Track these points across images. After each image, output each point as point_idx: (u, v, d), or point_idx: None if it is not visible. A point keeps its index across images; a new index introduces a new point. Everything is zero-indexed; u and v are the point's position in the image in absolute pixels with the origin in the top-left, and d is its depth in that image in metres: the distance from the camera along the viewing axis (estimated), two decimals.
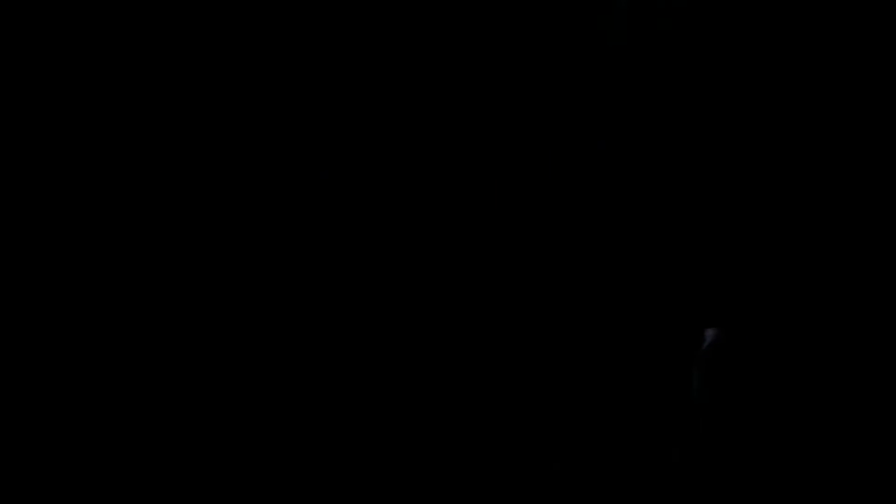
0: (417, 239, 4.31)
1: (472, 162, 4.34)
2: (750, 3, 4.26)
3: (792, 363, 3.76)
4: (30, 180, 4.19)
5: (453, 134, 4.37)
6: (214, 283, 4.24)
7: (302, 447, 4.12)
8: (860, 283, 3.93)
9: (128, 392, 4.09)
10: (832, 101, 4.18)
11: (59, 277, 4.14)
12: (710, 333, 3.70)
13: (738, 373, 3.68)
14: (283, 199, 4.34)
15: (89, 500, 3.96)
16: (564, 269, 4.14)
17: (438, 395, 4.16)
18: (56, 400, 4.04)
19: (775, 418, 3.70)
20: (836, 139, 4.15)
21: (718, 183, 4.11)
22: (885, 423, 3.75)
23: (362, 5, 4.39)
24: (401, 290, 4.27)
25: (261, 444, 4.10)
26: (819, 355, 3.82)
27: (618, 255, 4.08)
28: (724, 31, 4.28)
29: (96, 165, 4.23)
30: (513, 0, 4.39)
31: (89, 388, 4.08)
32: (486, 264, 4.22)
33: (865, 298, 3.90)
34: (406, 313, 4.25)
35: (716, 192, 4.09)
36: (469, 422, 4.10)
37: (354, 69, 4.39)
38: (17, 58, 4.19)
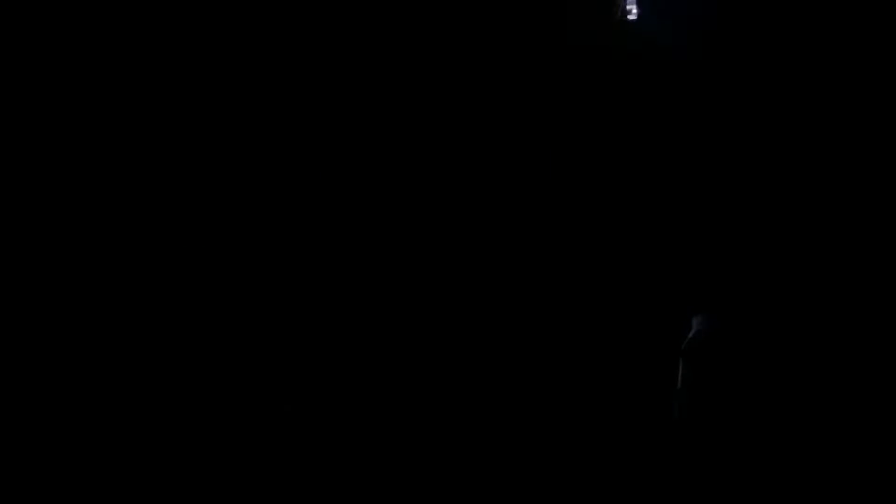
0: (412, 239, 4.33)
1: (469, 162, 4.35)
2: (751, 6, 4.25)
3: (781, 352, 3.66)
4: (29, 180, 4.20)
5: (450, 135, 4.37)
6: (214, 283, 4.25)
7: (302, 447, 4.14)
8: (851, 274, 3.87)
9: (127, 392, 4.10)
10: (825, 101, 4.18)
11: (58, 277, 4.16)
12: (697, 321, 3.60)
13: (725, 362, 3.60)
14: (283, 199, 4.35)
15: (89, 501, 3.99)
16: (550, 256, 4.10)
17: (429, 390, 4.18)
18: (55, 400, 4.06)
19: (763, 408, 3.61)
20: (832, 137, 4.13)
21: (711, 174, 4.08)
22: (875, 416, 3.69)
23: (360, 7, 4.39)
24: (390, 289, 4.28)
25: (260, 444, 4.12)
26: (809, 345, 3.73)
27: (606, 244, 4.04)
28: (725, 32, 4.28)
29: (95, 165, 4.23)
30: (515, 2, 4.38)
31: (89, 388, 4.09)
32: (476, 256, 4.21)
33: (856, 290, 3.84)
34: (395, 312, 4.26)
35: (707, 183, 4.05)
36: (456, 413, 4.10)
37: (350, 70, 4.40)
38: (17, 58, 4.20)
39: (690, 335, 3.60)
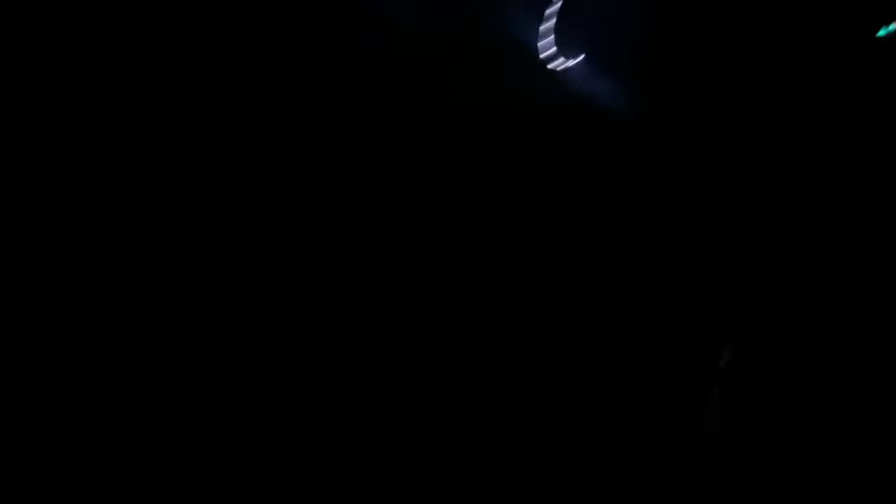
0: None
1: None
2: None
3: (811, 381, 3.67)
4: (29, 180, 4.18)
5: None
6: (214, 284, 4.26)
7: (301, 447, 4.16)
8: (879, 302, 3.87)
9: (127, 392, 4.09)
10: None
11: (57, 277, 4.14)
12: (727, 351, 3.61)
13: (755, 391, 3.61)
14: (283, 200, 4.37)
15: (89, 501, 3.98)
16: (582, 284, 4.16)
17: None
18: (55, 400, 4.04)
19: (793, 438, 3.61)
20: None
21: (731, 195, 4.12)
22: None
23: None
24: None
25: (260, 444, 4.13)
26: (839, 373, 3.75)
27: (634, 270, 4.09)
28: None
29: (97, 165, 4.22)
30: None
31: (89, 388, 4.08)
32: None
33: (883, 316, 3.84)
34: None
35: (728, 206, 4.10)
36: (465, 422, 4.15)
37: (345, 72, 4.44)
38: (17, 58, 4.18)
39: (722, 363, 3.63)
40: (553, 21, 4.33)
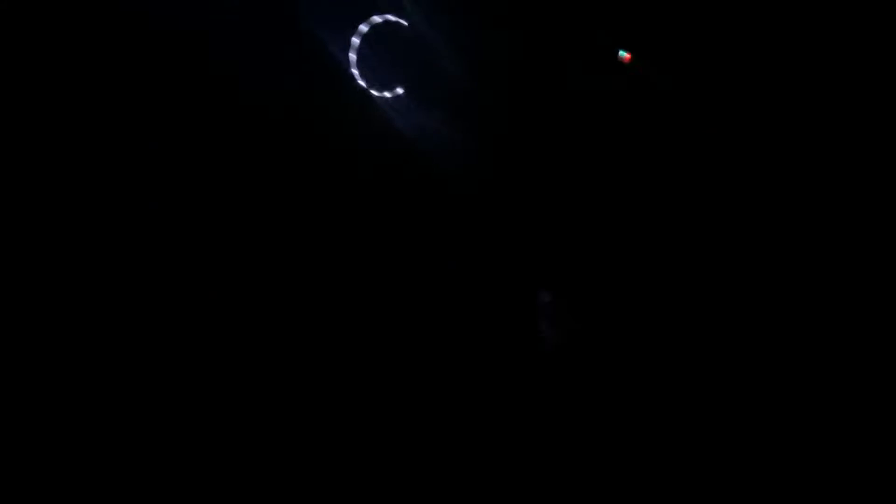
0: None
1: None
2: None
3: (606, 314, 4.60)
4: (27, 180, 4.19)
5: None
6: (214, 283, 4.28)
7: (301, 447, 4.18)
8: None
9: (127, 392, 4.11)
10: None
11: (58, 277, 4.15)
12: (545, 294, 4.65)
13: (567, 319, 4.62)
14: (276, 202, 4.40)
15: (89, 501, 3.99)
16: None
17: None
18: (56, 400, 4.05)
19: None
20: None
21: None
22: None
23: None
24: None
25: (260, 444, 4.15)
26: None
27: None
28: None
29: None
30: None
31: (89, 388, 4.09)
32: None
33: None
34: None
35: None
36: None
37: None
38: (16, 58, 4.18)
39: (543, 301, 4.64)
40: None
